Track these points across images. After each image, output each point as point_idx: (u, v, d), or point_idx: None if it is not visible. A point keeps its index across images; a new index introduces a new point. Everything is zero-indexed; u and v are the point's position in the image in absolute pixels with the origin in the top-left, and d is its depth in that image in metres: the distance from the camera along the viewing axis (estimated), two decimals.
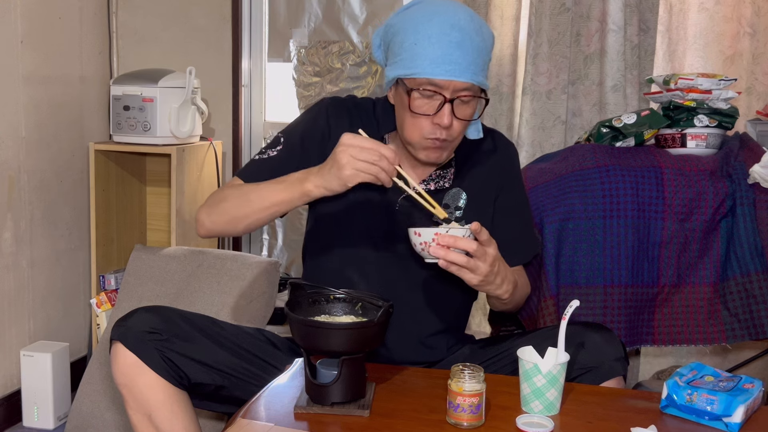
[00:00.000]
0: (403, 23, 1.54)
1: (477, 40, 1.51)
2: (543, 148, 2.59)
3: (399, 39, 1.54)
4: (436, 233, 1.40)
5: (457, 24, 1.50)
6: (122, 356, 1.47)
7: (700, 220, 2.02)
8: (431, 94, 1.51)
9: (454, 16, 1.51)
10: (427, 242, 1.41)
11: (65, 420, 2.57)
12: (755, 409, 1.39)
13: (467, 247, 1.40)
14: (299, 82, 3.08)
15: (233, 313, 2.37)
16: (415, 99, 1.52)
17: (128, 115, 2.67)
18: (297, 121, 1.72)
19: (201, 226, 1.62)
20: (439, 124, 1.53)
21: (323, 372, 1.40)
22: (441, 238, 1.40)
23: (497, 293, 1.52)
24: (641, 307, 2.04)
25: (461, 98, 1.52)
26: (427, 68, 1.49)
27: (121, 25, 3.04)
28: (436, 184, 1.68)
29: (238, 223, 1.57)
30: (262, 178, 1.60)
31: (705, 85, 2.13)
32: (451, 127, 1.53)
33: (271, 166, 1.63)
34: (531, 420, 1.33)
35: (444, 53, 1.48)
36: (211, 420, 2.24)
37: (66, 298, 2.81)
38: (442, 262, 1.40)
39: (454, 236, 1.40)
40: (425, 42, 1.49)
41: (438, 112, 1.52)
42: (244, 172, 1.66)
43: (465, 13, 1.53)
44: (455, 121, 1.53)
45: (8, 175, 2.53)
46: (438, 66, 1.48)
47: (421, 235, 1.42)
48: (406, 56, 1.51)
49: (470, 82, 1.51)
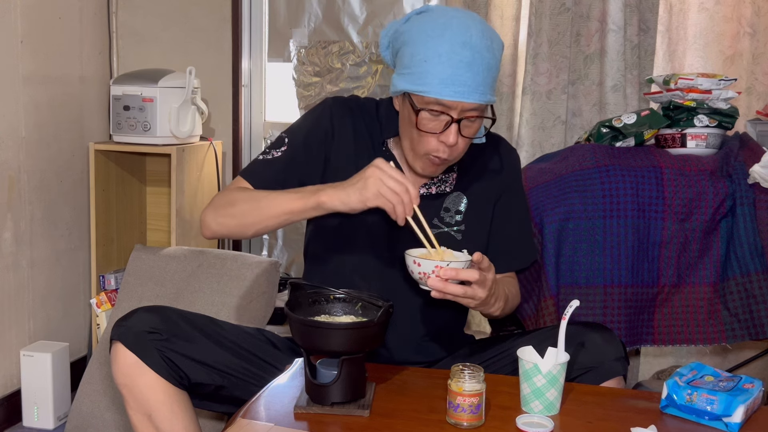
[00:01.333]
0: (413, 34, 1.52)
1: (488, 58, 1.50)
2: (543, 148, 2.59)
3: (409, 50, 1.52)
4: (437, 266, 1.39)
5: (468, 42, 1.48)
6: (122, 356, 1.47)
7: (700, 220, 2.02)
8: (438, 113, 1.51)
9: (466, 33, 1.48)
10: (426, 273, 1.41)
11: (65, 420, 2.57)
12: (755, 409, 1.39)
13: (469, 278, 1.41)
14: (299, 82, 3.08)
15: (233, 313, 2.37)
16: (423, 117, 1.52)
17: (128, 115, 2.67)
18: (300, 121, 1.71)
19: (206, 228, 1.61)
20: (444, 143, 1.53)
21: (323, 372, 1.40)
22: (443, 271, 1.39)
23: (489, 311, 1.55)
24: (641, 307, 2.04)
25: (468, 118, 1.52)
26: (435, 88, 1.48)
27: (121, 25, 3.04)
28: (437, 188, 1.68)
29: (247, 228, 1.56)
30: (267, 178, 1.61)
31: (705, 85, 2.13)
32: (456, 145, 1.54)
33: (276, 166, 1.63)
34: (531, 420, 1.33)
35: (454, 73, 1.47)
36: (211, 420, 2.24)
37: (66, 298, 2.81)
38: (435, 293, 1.41)
39: (455, 269, 1.40)
40: (435, 60, 1.48)
41: (444, 131, 1.52)
42: (248, 172, 1.65)
43: (476, 27, 1.50)
44: (460, 138, 1.54)
45: (8, 175, 2.53)
46: (447, 87, 1.47)
47: (420, 266, 1.41)
48: (415, 71, 1.50)
49: (479, 103, 1.51)
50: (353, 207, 1.44)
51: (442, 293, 1.41)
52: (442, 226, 1.66)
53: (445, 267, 1.39)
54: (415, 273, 1.43)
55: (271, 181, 1.61)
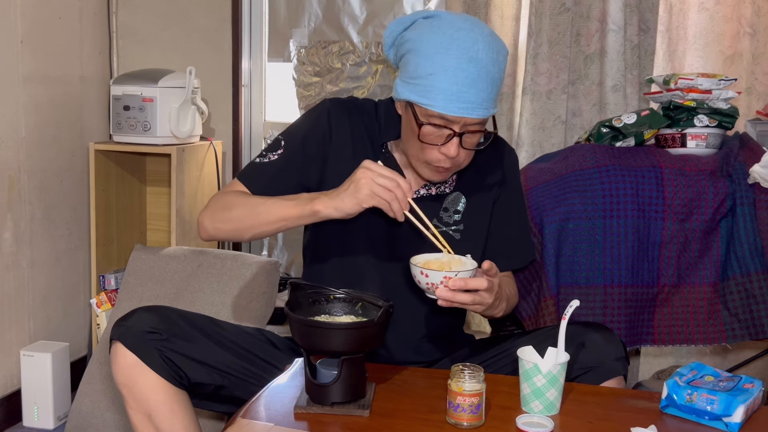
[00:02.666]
0: (420, 44, 1.51)
1: (493, 72, 1.50)
2: (543, 148, 2.59)
3: (414, 59, 1.51)
4: (446, 276, 1.39)
5: (474, 57, 1.47)
6: (122, 356, 1.48)
7: (700, 220, 2.02)
8: (441, 127, 1.51)
9: (473, 47, 1.47)
10: (434, 284, 1.40)
11: (65, 420, 2.57)
12: (755, 409, 1.39)
13: (478, 287, 1.41)
14: (299, 82, 3.08)
15: (233, 313, 2.37)
16: (425, 130, 1.52)
17: (128, 115, 2.67)
18: (298, 123, 1.71)
19: (203, 230, 1.63)
20: (446, 154, 1.53)
21: (323, 372, 1.40)
22: (451, 282, 1.39)
23: (492, 313, 1.54)
24: (641, 307, 2.04)
25: (470, 131, 1.53)
26: (440, 103, 1.48)
27: (121, 25, 3.04)
28: (437, 189, 1.68)
29: (243, 233, 1.58)
30: (263, 181, 1.62)
31: (705, 85, 2.13)
32: (457, 157, 1.54)
33: (272, 169, 1.64)
34: (531, 420, 1.33)
35: (459, 90, 1.47)
36: (211, 420, 2.24)
37: (66, 298, 2.81)
38: (442, 302, 1.41)
39: (464, 279, 1.40)
40: (441, 75, 1.47)
41: (446, 144, 1.52)
42: (244, 176, 1.66)
43: (484, 40, 1.49)
44: (462, 150, 1.54)
45: (8, 175, 2.53)
46: (452, 102, 1.47)
47: (429, 276, 1.41)
48: (420, 84, 1.50)
49: (482, 118, 1.51)
50: (349, 212, 1.45)
51: (450, 303, 1.41)
52: (441, 226, 1.66)
53: (454, 278, 1.39)
54: (423, 283, 1.43)
55: (267, 184, 1.62)
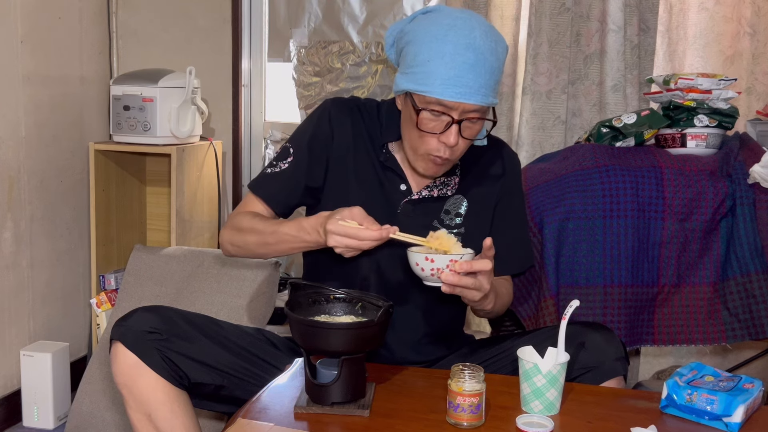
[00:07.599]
0: (418, 34, 1.52)
1: (491, 60, 1.50)
2: (543, 148, 2.59)
3: (412, 50, 1.52)
4: (452, 260, 1.40)
5: (472, 44, 1.48)
6: (122, 356, 1.48)
7: (700, 220, 2.02)
8: (439, 114, 1.51)
9: (469, 34, 1.48)
10: (440, 268, 1.41)
11: (65, 420, 2.57)
12: (755, 409, 1.39)
13: (483, 268, 1.42)
14: (299, 82, 3.08)
15: (233, 313, 2.37)
16: (423, 117, 1.52)
17: (128, 115, 2.67)
18: (302, 127, 1.73)
19: (225, 250, 1.72)
20: (444, 143, 1.53)
21: (323, 372, 1.40)
22: (458, 265, 1.40)
23: (483, 306, 1.54)
24: (641, 307, 2.04)
25: (469, 119, 1.52)
26: (437, 89, 1.48)
27: (121, 25, 3.04)
28: (439, 191, 1.68)
29: (257, 256, 1.69)
30: (275, 191, 1.69)
31: (705, 85, 2.13)
32: (456, 146, 1.54)
33: (283, 178, 1.68)
34: (531, 420, 1.33)
35: (456, 74, 1.47)
36: (211, 420, 2.24)
37: (66, 298, 2.81)
38: (446, 287, 1.41)
39: (469, 262, 1.41)
40: (438, 61, 1.48)
41: (445, 132, 1.52)
42: (257, 186, 1.71)
43: (480, 29, 1.50)
44: (461, 139, 1.54)
45: (8, 175, 2.53)
46: (449, 87, 1.48)
47: (435, 261, 1.41)
48: (418, 71, 1.50)
49: (480, 104, 1.51)
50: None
51: (454, 286, 1.41)
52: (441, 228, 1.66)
53: (460, 261, 1.40)
54: (427, 270, 1.43)
55: (280, 194, 1.68)
